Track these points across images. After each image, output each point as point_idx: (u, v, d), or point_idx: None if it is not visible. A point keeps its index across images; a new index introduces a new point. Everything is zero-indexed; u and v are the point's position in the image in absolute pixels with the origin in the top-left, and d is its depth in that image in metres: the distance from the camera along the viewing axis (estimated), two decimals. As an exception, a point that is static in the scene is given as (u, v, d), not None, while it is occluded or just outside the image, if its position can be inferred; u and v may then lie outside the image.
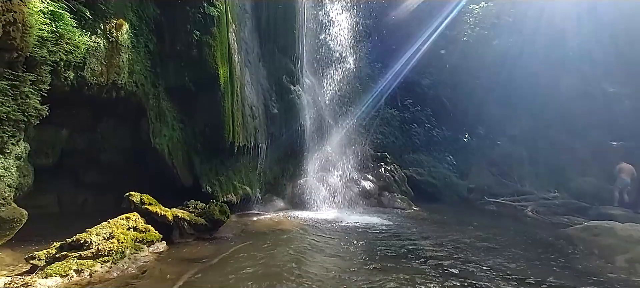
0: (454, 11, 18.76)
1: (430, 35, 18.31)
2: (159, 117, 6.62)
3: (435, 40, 18.79)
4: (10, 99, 4.10)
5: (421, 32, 18.29)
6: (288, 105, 9.62)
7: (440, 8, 18.80)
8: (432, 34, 18.34)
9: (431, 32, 18.43)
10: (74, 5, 4.74)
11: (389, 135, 16.12)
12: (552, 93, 16.35)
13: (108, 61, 5.30)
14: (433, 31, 18.40)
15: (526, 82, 16.57)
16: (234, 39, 7.81)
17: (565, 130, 16.50)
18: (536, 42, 16.76)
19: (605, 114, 15.71)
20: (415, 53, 18.21)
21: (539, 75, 16.40)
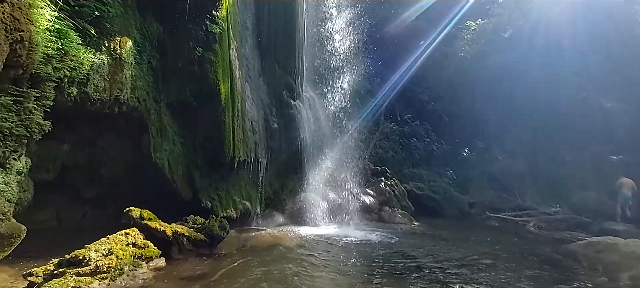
0: (448, 26, 19.16)
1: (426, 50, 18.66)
2: (160, 131, 6.65)
3: (432, 55, 19.12)
4: (14, 115, 4.13)
5: (418, 47, 18.65)
6: (288, 120, 9.68)
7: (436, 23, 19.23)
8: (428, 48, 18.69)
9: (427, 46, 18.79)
10: (80, 23, 4.84)
11: (389, 149, 16.16)
12: (550, 108, 16.49)
13: (111, 77, 5.37)
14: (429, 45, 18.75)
15: (524, 97, 16.73)
16: (235, 55, 7.94)
17: (565, 144, 16.57)
18: (533, 58, 17.01)
19: (604, 128, 15.80)
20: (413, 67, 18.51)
21: (537, 91, 16.57)
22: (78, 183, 6.85)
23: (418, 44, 18.65)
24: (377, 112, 17.19)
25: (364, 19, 16.02)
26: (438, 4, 19.72)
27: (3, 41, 3.05)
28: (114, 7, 5.19)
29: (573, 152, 16.29)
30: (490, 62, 17.75)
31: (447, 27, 19.22)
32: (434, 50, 19.08)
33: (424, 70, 19.02)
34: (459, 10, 19.17)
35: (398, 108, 18.28)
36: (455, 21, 19.25)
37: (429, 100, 18.92)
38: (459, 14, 19.18)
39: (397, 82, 18.12)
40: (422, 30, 19.16)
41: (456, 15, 19.15)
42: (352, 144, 12.82)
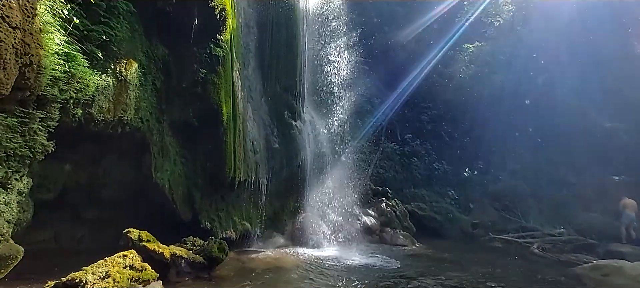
0: (444, 48, 19.62)
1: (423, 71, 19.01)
2: (161, 151, 6.69)
3: (431, 76, 19.46)
4: (18, 135, 4.17)
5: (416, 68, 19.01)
6: (289, 140, 9.74)
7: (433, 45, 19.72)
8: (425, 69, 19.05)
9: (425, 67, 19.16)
10: (88, 46, 4.98)
11: (390, 169, 16.12)
12: (550, 128, 16.59)
13: (116, 99, 5.47)
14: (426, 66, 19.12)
15: (523, 117, 16.87)
16: (238, 77, 8.10)
17: (566, 165, 16.54)
18: (531, 80, 17.28)
19: (604, 148, 15.82)
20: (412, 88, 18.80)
21: (535, 111, 16.73)
22: (78, 203, 6.82)
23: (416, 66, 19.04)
24: (377, 132, 17.29)
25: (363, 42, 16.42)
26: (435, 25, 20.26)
27: (13, 65, 3.13)
28: (121, 31, 5.35)
29: (575, 172, 16.23)
30: (488, 83, 18.02)
31: (443, 48, 19.69)
32: (432, 72, 19.44)
33: (423, 91, 19.31)
34: (455, 33, 19.69)
35: (398, 128, 18.38)
36: (451, 43, 19.73)
37: (429, 121, 19.06)
38: (455, 36, 19.68)
39: (397, 103, 18.36)
40: (420, 53, 19.60)
41: (452, 38, 19.65)
42: (352, 164, 12.81)
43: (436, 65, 19.58)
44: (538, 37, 17.56)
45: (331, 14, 13.56)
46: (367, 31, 18.06)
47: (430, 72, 19.41)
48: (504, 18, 18.85)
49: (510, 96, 17.37)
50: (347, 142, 13.13)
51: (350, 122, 13.46)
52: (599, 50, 15.99)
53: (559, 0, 16.84)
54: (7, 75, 3.06)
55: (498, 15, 18.79)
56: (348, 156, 12.83)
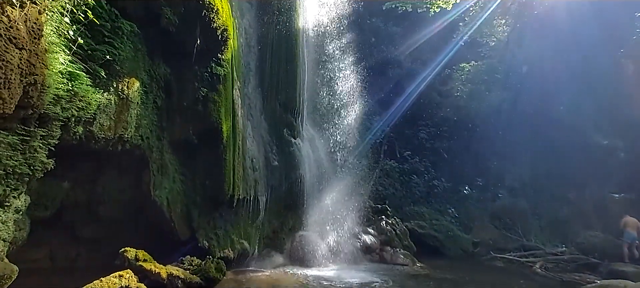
0: (438, 66, 20.04)
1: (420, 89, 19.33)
2: (161, 169, 6.68)
3: (429, 94, 19.73)
4: (19, 153, 4.17)
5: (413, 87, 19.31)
6: (288, 158, 9.75)
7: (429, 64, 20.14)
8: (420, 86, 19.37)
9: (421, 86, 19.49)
10: (91, 65, 5.06)
11: (389, 186, 16.07)
12: (548, 146, 16.68)
13: (117, 116, 5.52)
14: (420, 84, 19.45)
15: (521, 135, 16.99)
16: (238, 95, 8.19)
17: (565, 182, 16.54)
18: (527, 98, 17.52)
19: (603, 166, 15.88)
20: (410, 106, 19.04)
21: (533, 129, 16.87)
22: (74, 221, 6.75)
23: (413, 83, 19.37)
24: (376, 149, 17.35)
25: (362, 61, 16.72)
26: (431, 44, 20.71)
27: (17, 85, 3.19)
28: (125, 51, 5.46)
29: (574, 190, 16.22)
30: (485, 101, 18.26)
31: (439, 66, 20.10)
32: (430, 90, 19.74)
33: (421, 109, 19.53)
34: (450, 51, 20.16)
35: (397, 145, 18.45)
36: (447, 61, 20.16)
37: (428, 138, 19.17)
38: (449, 54, 20.13)
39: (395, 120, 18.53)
40: (417, 71, 19.99)
41: (447, 55, 20.09)
42: (352, 181, 12.77)
43: (433, 84, 19.95)
44: (532, 57, 17.94)
45: (330, 34, 13.87)
46: (365, 50, 18.43)
47: (427, 90, 19.71)
48: (498, 38, 19.30)
49: (507, 114, 17.58)
50: (346, 159, 13.14)
51: (349, 140, 13.53)
52: (593, 69, 16.31)
53: (551, 20, 17.29)
54: (11, 94, 3.11)
55: (492, 35, 19.25)
56: (347, 174, 12.82)
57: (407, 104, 18.99)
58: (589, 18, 15.91)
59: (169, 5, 6.05)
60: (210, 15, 6.45)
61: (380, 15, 19.95)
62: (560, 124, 16.62)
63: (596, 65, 16.12)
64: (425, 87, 19.53)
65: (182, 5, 6.13)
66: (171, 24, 6.19)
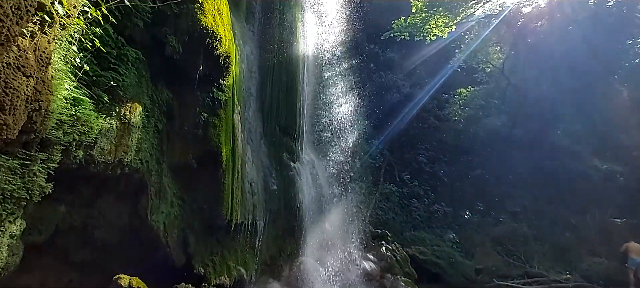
0: (433, 89, 20.43)
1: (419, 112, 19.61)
2: (159, 193, 6.65)
3: (427, 118, 20.02)
4: (18, 177, 4.18)
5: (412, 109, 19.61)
6: (287, 182, 9.73)
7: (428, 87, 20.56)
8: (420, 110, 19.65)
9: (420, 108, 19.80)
10: (95, 91, 5.16)
11: (389, 211, 15.93)
12: (547, 170, 16.71)
13: (118, 141, 5.56)
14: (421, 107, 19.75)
15: (520, 159, 17.06)
16: (239, 119, 8.29)
17: (566, 207, 16.42)
18: (524, 123, 17.74)
19: (603, 190, 15.84)
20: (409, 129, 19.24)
21: (532, 153, 16.96)
22: (68, 246, 6.62)
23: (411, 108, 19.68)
24: (375, 173, 17.34)
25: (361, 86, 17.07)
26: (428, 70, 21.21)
27: (22, 111, 3.25)
28: (129, 77, 5.59)
29: (576, 214, 16.08)
30: (483, 125, 18.48)
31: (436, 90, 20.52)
32: (428, 114, 20.05)
33: (420, 132, 19.74)
34: (444, 75, 20.65)
35: (397, 169, 18.47)
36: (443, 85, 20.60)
37: (427, 162, 19.22)
38: (443, 77, 20.62)
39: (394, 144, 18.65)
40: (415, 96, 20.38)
41: (441, 80, 20.56)
42: (351, 206, 12.68)
43: (431, 108, 20.32)
44: (528, 83, 18.34)
45: (330, 60, 14.23)
46: (364, 75, 18.86)
47: (425, 114, 20.03)
48: (493, 64, 19.80)
49: (505, 138, 17.75)
50: (345, 183, 13.11)
51: (348, 163, 13.55)
52: (588, 95, 16.63)
53: (545, 48, 17.80)
54: (15, 120, 3.16)
55: (488, 62, 19.77)
56: (346, 198, 12.74)
57: (406, 127, 19.25)
58: (581, 46, 16.41)
59: (174, 34, 6.25)
60: (214, 43, 6.65)
61: (378, 42, 20.59)
62: (558, 149, 16.75)
63: (591, 92, 16.47)
64: (423, 111, 19.88)
65: (187, 34, 6.33)
66: (175, 52, 6.36)
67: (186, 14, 6.20)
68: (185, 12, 6.17)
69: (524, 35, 18.45)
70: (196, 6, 6.22)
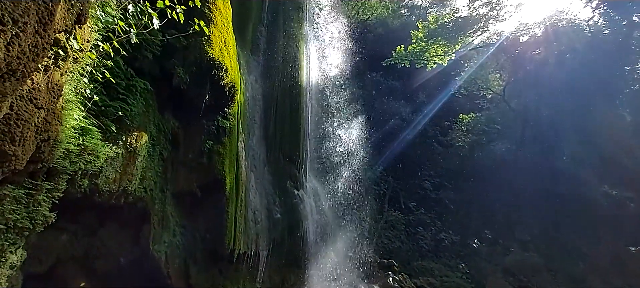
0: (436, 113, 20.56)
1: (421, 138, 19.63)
2: (162, 222, 6.59)
3: (430, 144, 20.02)
4: (22, 207, 4.17)
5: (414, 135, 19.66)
6: (291, 210, 9.62)
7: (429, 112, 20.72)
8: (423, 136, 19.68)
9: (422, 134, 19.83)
10: (103, 120, 5.26)
11: (395, 239, 15.54)
12: (555, 197, 16.38)
13: (123, 169, 5.59)
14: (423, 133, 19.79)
15: (526, 185, 16.78)
16: (243, 147, 8.35)
17: (577, 235, 15.92)
18: (528, 149, 17.62)
19: (614, 217, 15.40)
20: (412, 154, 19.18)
21: (538, 179, 16.70)
22: (68, 276, 6.48)
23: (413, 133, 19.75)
24: (380, 199, 17.11)
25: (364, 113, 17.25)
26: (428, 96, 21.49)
27: (31, 142, 3.30)
28: (137, 106, 5.71)
29: (588, 242, 15.55)
30: (487, 151, 18.38)
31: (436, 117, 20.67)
32: (431, 140, 20.06)
33: (424, 158, 19.66)
34: (445, 99, 20.86)
35: (401, 195, 18.22)
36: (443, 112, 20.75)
37: (433, 188, 18.99)
38: (444, 102, 20.82)
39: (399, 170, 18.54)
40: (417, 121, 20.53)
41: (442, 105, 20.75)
42: (356, 234, 12.41)
43: (434, 134, 20.34)
44: (530, 108, 18.40)
45: (333, 88, 14.50)
46: (367, 103, 19.10)
47: (429, 140, 20.05)
48: (494, 91, 20.01)
49: (509, 164, 17.56)
50: (350, 211, 12.92)
51: (352, 191, 13.42)
52: (591, 121, 16.59)
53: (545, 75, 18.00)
54: (24, 151, 3.21)
55: (488, 88, 20.00)
56: (351, 226, 12.50)
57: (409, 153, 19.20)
58: (580, 72, 16.59)
59: (182, 65, 6.45)
60: (220, 73, 6.84)
61: (380, 70, 21.03)
62: (565, 175, 16.50)
63: (593, 117, 16.45)
64: (426, 137, 19.90)
65: (195, 65, 6.53)
66: (183, 82, 6.53)
67: (194, 46, 6.42)
68: (194, 44, 6.40)
69: (523, 62, 18.78)
70: (204, 39, 6.46)
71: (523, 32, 18.48)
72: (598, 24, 17.46)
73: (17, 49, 2.12)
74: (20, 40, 2.11)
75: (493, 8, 16.52)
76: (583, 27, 17.99)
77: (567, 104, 16.89)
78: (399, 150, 19.20)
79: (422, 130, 20.30)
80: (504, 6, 16.57)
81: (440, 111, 21.12)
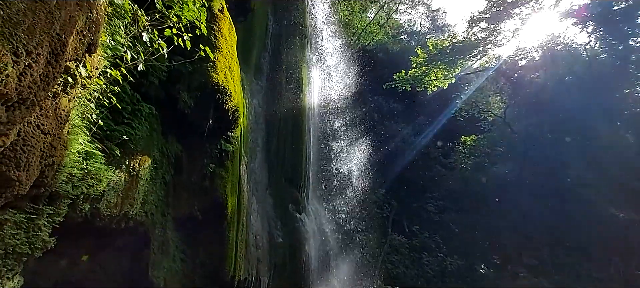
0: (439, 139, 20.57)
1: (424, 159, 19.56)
2: (162, 247, 6.49)
3: (433, 166, 19.93)
4: (22, 232, 4.14)
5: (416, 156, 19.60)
6: (293, 234, 9.48)
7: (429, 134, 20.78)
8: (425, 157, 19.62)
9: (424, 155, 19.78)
10: (107, 144, 5.31)
11: (399, 264, 15.17)
12: (562, 220, 16.06)
13: (125, 193, 5.58)
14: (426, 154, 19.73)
15: (532, 208, 16.52)
16: (245, 170, 8.35)
17: (587, 259, 15.49)
18: (532, 170, 17.47)
19: (624, 240, 15.02)
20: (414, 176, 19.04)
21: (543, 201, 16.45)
22: (63, 304, 6.33)
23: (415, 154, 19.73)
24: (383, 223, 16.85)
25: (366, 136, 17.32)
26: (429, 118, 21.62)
27: (36, 167, 3.33)
28: (141, 130, 5.78)
29: (599, 268, 15.09)
30: (490, 173, 18.24)
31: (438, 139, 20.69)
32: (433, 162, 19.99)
33: (426, 180, 19.52)
34: (446, 122, 20.96)
35: (405, 219, 17.94)
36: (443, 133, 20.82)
37: (436, 211, 18.72)
38: (442, 120, 20.92)
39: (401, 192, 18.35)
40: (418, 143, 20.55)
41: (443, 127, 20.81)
42: (359, 258, 12.13)
43: (437, 156, 20.30)
44: (532, 130, 18.40)
45: (334, 111, 14.66)
46: (369, 126, 19.23)
47: (431, 162, 19.98)
48: (495, 113, 20.13)
49: (514, 185, 17.36)
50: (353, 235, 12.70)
51: (355, 214, 13.25)
52: (594, 142, 16.54)
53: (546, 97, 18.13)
54: (28, 176, 3.23)
55: (489, 111, 20.13)
56: (354, 250, 12.24)
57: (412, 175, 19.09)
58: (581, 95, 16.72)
59: (187, 90, 6.58)
60: (224, 98, 6.96)
61: (381, 93, 21.32)
62: (570, 196, 16.25)
63: (598, 139, 16.41)
64: (429, 159, 19.84)
65: (199, 90, 6.66)
66: (187, 106, 6.64)
67: (200, 72, 6.58)
68: (199, 70, 6.56)
69: (523, 85, 18.99)
70: (209, 65, 6.62)
71: (521, 56, 18.81)
72: (595, 48, 17.78)
73: (29, 78, 2.19)
74: (32, 71, 2.18)
75: (491, 33, 16.91)
76: (580, 51, 18.31)
77: (569, 126, 16.91)
78: (401, 172, 19.10)
79: (424, 152, 20.32)
80: (501, 32, 16.98)
81: (442, 133, 21.21)
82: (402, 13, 29.03)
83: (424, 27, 28.70)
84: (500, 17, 16.66)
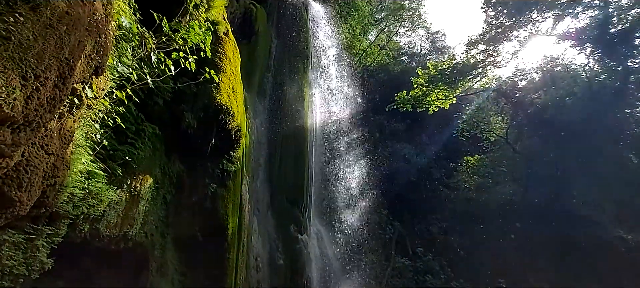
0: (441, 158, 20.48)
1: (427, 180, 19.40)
2: (160, 269, 6.37)
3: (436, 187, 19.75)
4: (20, 253, 4.08)
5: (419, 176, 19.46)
6: (294, 256, 9.30)
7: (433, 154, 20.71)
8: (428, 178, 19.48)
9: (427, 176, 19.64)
10: (109, 164, 5.31)
11: (403, 287, 14.76)
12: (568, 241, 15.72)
13: (125, 213, 5.53)
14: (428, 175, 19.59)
15: (537, 229, 16.22)
16: (246, 190, 8.30)
17: (596, 281, 15.02)
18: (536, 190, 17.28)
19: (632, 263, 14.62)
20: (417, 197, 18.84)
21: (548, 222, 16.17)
22: (58, 329, 6.15)
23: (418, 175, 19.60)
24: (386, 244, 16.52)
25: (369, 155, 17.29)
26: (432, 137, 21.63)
27: (38, 187, 3.32)
28: (144, 150, 5.79)
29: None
30: (494, 194, 18.04)
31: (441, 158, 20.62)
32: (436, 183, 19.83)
33: (429, 201, 19.29)
34: (448, 142, 20.97)
35: (408, 241, 17.60)
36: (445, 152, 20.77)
37: (440, 232, 18.39)
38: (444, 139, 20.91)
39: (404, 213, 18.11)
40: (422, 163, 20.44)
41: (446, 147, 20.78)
42: (362, 282, 11.83)
43: (440, 177, 20.15)
44: (534, 150, 18.35)
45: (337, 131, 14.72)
46: (371, 146, 19.24)
47: (434, 183, 19.81)
48: (497, 134, 20.15)
49: (518, 206, 17.13)
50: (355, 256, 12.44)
51: (357, 235, 13.03)
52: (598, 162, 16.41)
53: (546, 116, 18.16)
54: (30, 197, 3.22)
55: (491, 131, 20.16)
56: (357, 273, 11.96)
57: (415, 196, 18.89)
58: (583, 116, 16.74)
59: (191, 111, 6.65)
60: (227, 118, 7.02)
61: (383, 113, 21.46)
62: (577, 218, 15.97)
63: (602, 160, 16.29)
64: (432, 180, 19.69)
65: (203, 110, 6.73)
66: (190, 126, 6.69)
67: (204, 93, 6.67)
68: (203, 91, 6.65)
69: (524, 105, 19.10)
70: (213, 86, 6.73)
71: (521, 77, 19.03)
72: (594, 69, 17.98)
73: (36, 101, 2.22)
74: (39, 94, 2.21)
75: (489, 55, 17.18)
76: (580, 73, 18.50)
77: (572, 146, 16.84)
78: (404, 193, 18.91)
79: (427, 172, 20.20)
80: (500, 53, 17.26)
81: (445, 153, 21.18)
82: (403, 35, 29.69)
83: (424, 48, 29.26)
84: (499, 39, 16.99)
